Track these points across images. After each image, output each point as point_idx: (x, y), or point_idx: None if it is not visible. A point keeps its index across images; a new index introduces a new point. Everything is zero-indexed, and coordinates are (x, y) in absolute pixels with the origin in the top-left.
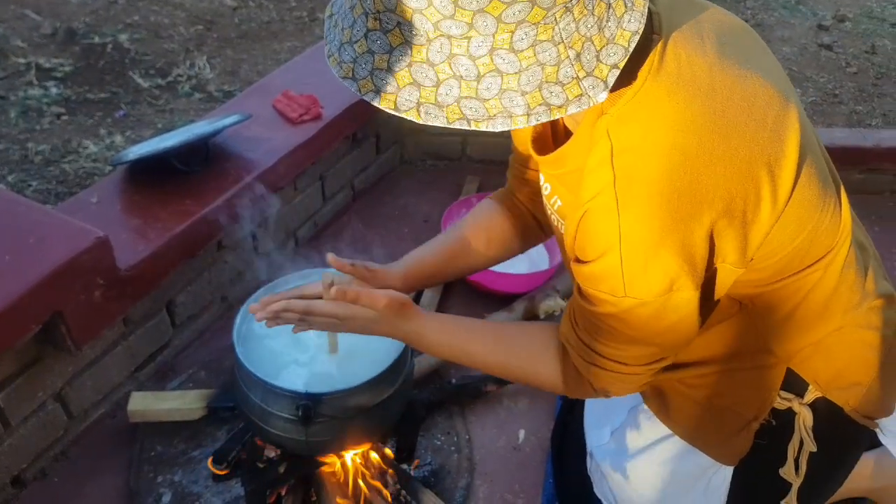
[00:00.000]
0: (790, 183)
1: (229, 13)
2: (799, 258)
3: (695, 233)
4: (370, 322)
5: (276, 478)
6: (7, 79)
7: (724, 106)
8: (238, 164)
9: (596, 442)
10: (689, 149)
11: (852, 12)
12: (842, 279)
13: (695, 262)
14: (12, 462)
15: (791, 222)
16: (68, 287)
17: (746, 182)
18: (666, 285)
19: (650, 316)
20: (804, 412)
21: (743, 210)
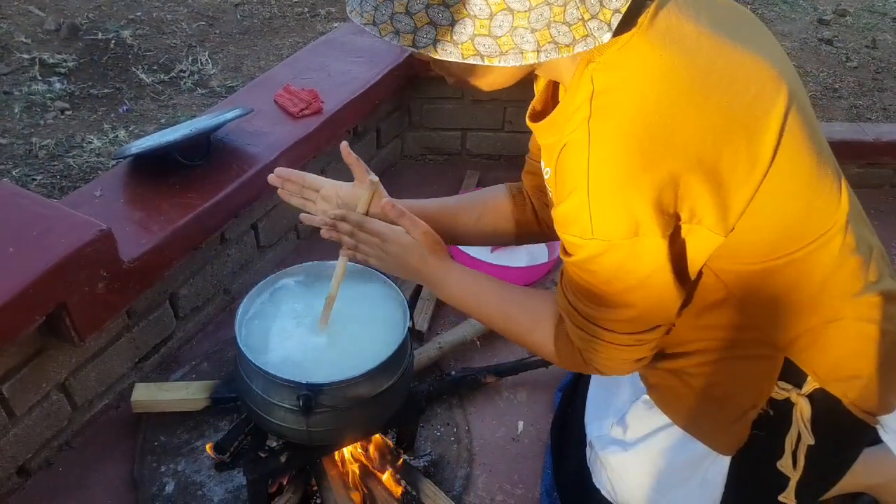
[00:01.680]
0: (770, 150)
1: (231, 9)
2: (791, 236)
3: (662, 178)
4: (406, 249)
5: (277, 467)
6: (11, 74)
7: (708, 67)
8: (240, 157)
9: (596, 433)
10: (667, 96)
11: (853, 7)
12: (840, 264)
13: (661, 209)
14: (17, 452)
15: (779, 194)
16: (72, 279)
17: (722, 139)
18: (631, 227)
19: (619, 264)
20: (802, 403)
21: (716, 168)
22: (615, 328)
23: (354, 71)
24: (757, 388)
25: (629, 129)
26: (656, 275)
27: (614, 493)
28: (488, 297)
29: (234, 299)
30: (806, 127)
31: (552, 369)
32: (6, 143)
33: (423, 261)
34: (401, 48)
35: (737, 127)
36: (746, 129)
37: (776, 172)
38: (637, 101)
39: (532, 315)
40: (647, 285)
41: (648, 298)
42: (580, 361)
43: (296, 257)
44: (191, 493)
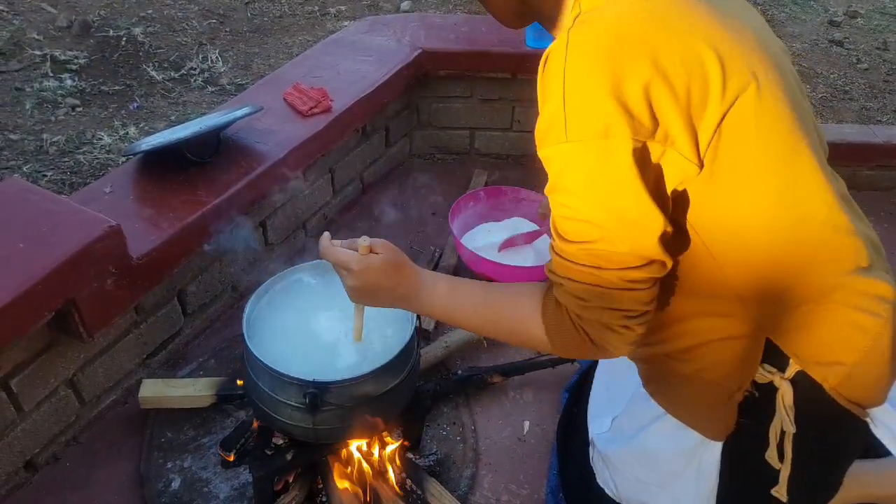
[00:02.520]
0: (741, 82)
1: (242, 7)
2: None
3: (631, 78)
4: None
5: (283, 465)
6: (23, 70)
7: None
8: (249, 155)
9: (597, 430)
10: (644, 13)
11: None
12: (831, 242)
13: (631, 113)
14: (25, 447)
15: (750, 142)
16: (81, 275)
17: (693, 58)
18: (601, 125)
19: (591, 168)
20: (785, 387)
21: (684, 88)
22: (602, 262)
23: (364, 70)
24: (741, 370)
25: (604, 35)
26: (630, 183)
27: (617, 490)
28: (470, 296)
29: (242, 296)
30: (782, 85)
31: (559, 369)
32: (17, 139)
33: (393, 279)
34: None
35: (710, 52)
36: (720, 58)
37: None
38: (615, 16)
39: (516, 299)
40: (623, 195)
41: (626, 212)
42: (571, 331)
43: (304, 255)
44: (197, 490)
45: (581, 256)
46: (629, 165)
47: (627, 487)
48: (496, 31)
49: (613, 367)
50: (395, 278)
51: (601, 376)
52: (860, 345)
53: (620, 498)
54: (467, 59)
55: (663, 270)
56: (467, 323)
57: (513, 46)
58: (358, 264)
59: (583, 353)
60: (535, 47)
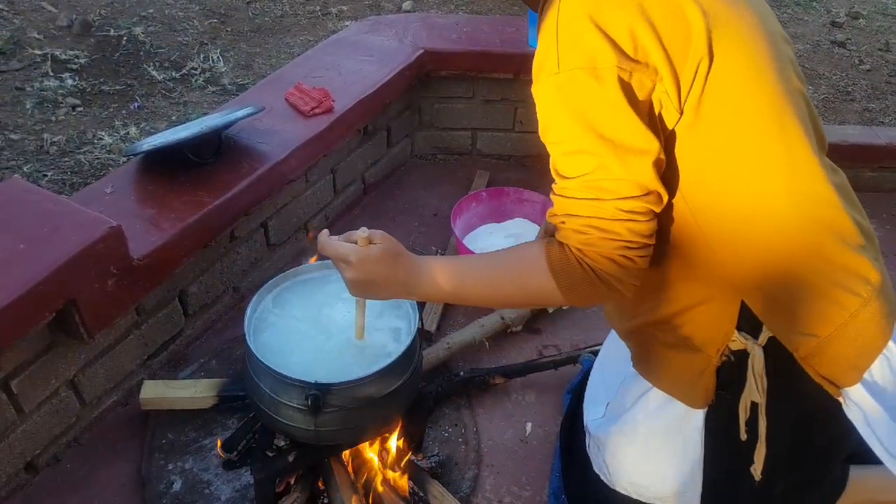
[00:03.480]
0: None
1: (243, 7)
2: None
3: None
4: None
5: (285, 466)
6: (23, 70)
7: None
8: (250, 155)
9: (592, 417)
10: None
11: (866, 9)
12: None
13: (616, 44)
14: (26, 448)
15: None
16: (82, 276)
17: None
18: (590, 56)
19: (583, 95)
20: (756, 353)
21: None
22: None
23: (365, 70)
24: (719, 333)
25: None
26: (619, 109)
27: (610, 475)
28: (472, 267)
29: (244, 297)
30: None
31: (561, 371)
32: (18, 139)
33: (392, 267)
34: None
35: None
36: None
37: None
38: None
39: (519, 256)
40: (614, 120)
41: (619, 139)
42: (577, 270)
43: (305, 256)
44: (198, 492)
45: (579, 190)
46: (617, 91)
47: (618, 469)
48: (498, 32)
49: (609, 356)
50: (394, 267)
51: (598, 367)
52: (836, 319)
53: (614, 484)
54: (469, 60)
55: (659, 204)
56: (476, 294)
57: (515, 47)
58: (356, 255)
59: (591, 292)
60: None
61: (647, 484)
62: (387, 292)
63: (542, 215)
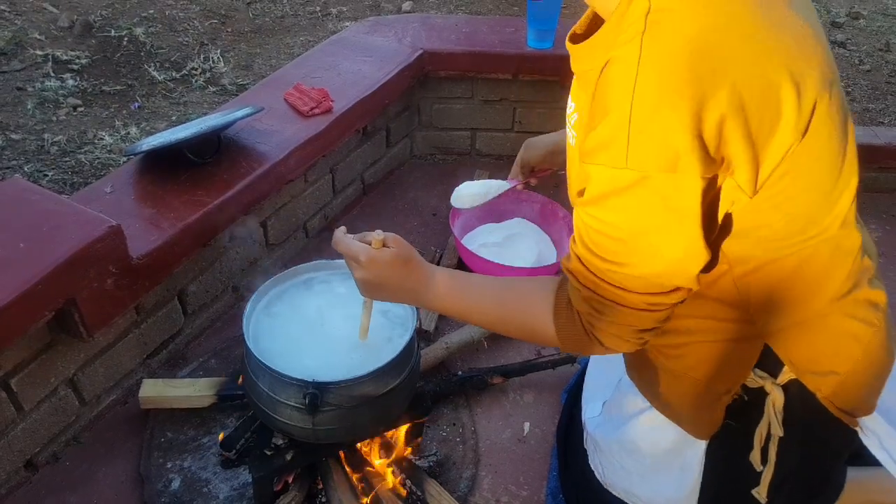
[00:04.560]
0: (808, 111)
1: (243, 8)
2: (806, 223)
3: (710, 107)
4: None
5: (283, 465)
6: (24, 70)
7: (768, 7)
8: (250, 155)
9: (589, 414)
10: (725, 21)
11: (867, 10)
12: (839, 263)
13: (703, 143)
14: (25, 446)
15: (806, 165)
16: (82, 275)
17: (768, 83)
18: (671, 158)
19: (647, 202)
20: (776, 393)
21: (759, 114)
22: (628, 285)
23: (365, 70)
24: (733, 373)
25: (683, 47)
26: (686, 222)
27: (604, 475)
28: (479, 289)
29: (242, 297)
30: (840, 107)
31: (559, 371)
32: (19, 138)
33: (402, 273)
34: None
35: (785, 74)
36: (794, 79)
37: (810, 140)
38: (696, 23)
39: (526, 293)
40: (675, 233)
41: (673, 250)
42: (581, 334)
43: (304, 256)
44: (196, 490)
45: (608, 275)
46: (693, 204)
47: (613, 474)
48: (498, 32)
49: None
50: (403, 272)
51: (595, 361)
52: (854, 354)
53: (607, 483)
54: (468, 60)
55: (689, 295)
56: (475, 317)
57: (514, 47)
58: (366, 256)
59: (591, 352)
60: (536, 48)
61: (641, 495)
62: (394, 296)
63: (540, 216)
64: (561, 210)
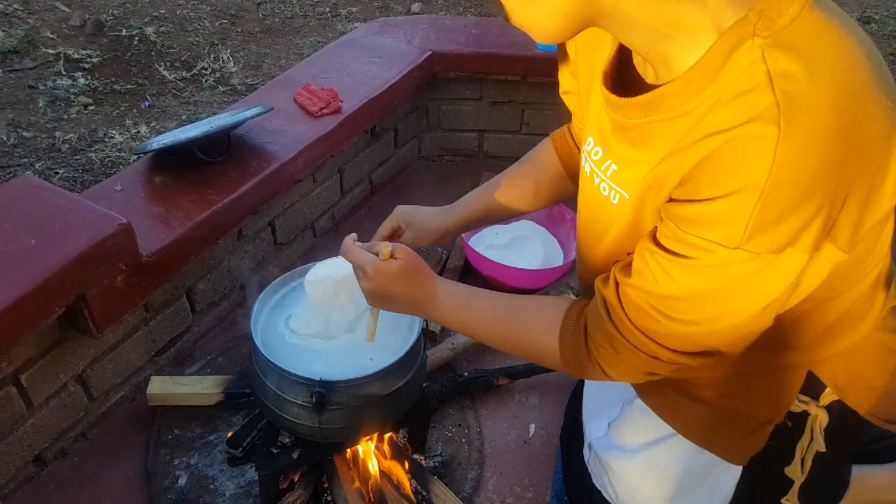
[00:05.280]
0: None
1: (253, 8)
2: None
3: (839, 188)
4: (393, 279)
5: (289, 463)
6: (36, 69)
7: (870, 57)
8: (259, 155)
9: (595, 434)
10: (858, 89)
11: (878, 14)
12: (878, 290)
13: (826, 223)
14: (34, 441)
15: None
16: (92, 272)
17: (885, 147)
18: (788, 241)
19: (751, 274)
20: (820, 415)
21: (874, 177)
22: (663, 342)
23: (374, 71)
24: (776, 402)
25: (826, 124)
26: (771, 296)
27: (616, 496)
28: (483, 303)
29: (250, 295)
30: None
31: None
32: (30, 136)
33: (409, 285)
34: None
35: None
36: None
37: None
38: (832, 93)
39: (531, 314)
40: (753, 306)
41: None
42: (585, 358)
43: (312, 255)
44: (203, 487)
45: (643, 322)
46: (787, 279)
47: (629, 497)
48: (506, 34)
49: None
50: (410, 285)
51: None
52: (889, 365)
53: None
54: (477, 62)
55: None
56: (478, 333)
57: (523, 49)
58: (373, 268)
59: (590, 377)
60: (545, 50)
61: None
62: (400, 308)
63: (547, 218)
64: (568, 212)
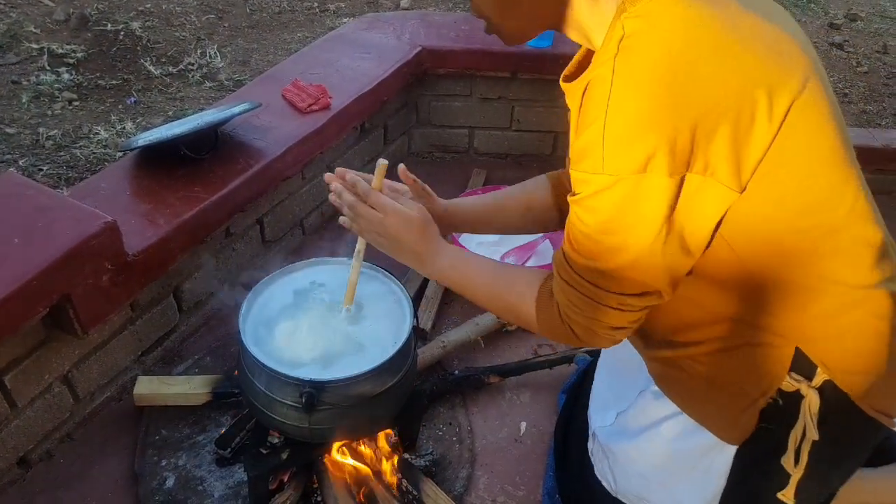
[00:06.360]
0: (786, 105)
1: (241, 3)
2: (809, 213)
3: (679, 120)
4: (405, 224)
5: (278, 464)
6: (20, 64)
7: (734, 24)
8: (246, 152)
9: (599, 423)
10: (694, 42)
11: (864, 11)
12: (857, 253)
13: (674, 151)
14: (18, 443)
15: (795, 160)
16: (77, 271)
17: (743, 94)
18: (640, 162)
19: (621, 200)
20: (811, 396)
21: (735, 120)
22: (601, 283)
23: (363, 67)
24: (766, 377)
25: (652, 68)
26: (654, 223)
27: (615, 483)
28: (475, 266)
29: (238, 294)
30: (827, 101)
31: (556, 371)
32: (13, 132)
33: (417, 238)
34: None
35: (759, 84)
36: (768, 87)
37: (790, 134)
38: (663, 44)
39: (514, 278)
40: (640, 230)
41: (641, 249)
42: (559, 324)
43: (301, 253)
44: (191, 488)
45: (585, 271)
46: (659, 202)
47: (627, 482)
48: None
49: (616, 363)
50: (418, 236)
51: (603, 372)
52: (884, 353)
53: (618, 492)
54: (467, 58)
55: (660, 300)
56: (471, 293)
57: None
58: (393, 210)
59: (567, 342)
60: (535, 46)
61: (657, 502)
62: (403, 255)
63: None
64: None
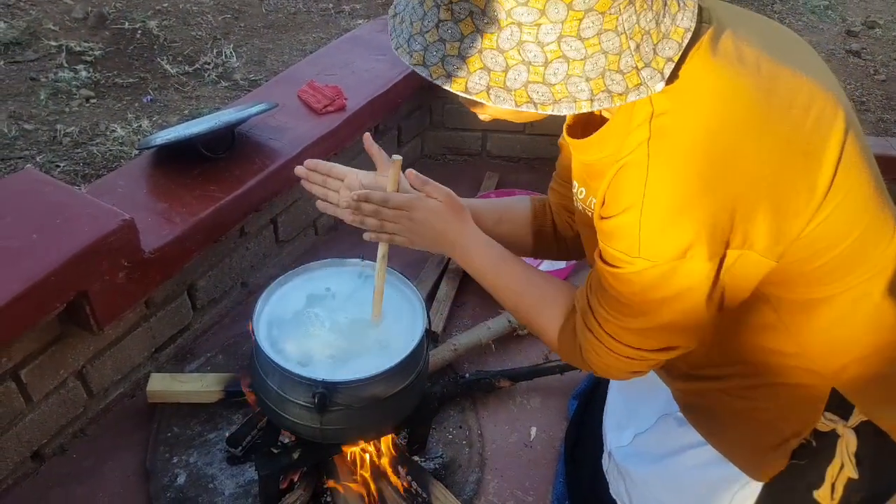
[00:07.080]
0: (828, 177)
1: (257, 3)
2: (845, 267)
3: (720, 204)
4: (432, 213)
5: (289, 463)
6: (38, 61)
7: (769, 91)
8: (262, 152)
9: (616, 443)
10: (729, 120)
11: (883, 18)
12: (889, 302)
13: (714, 235)
14: (33, 437)
15: (835, 222)
16: (93, 267)
17: (781, 166)
18: (680, 251)
19: (657, 279)
20: (848, 436)
21: (774, 195)
22: (623, 338)
23: (378, 69)
24: (801, 417)
25: (690, 153)
26: (689, 294)
27: (630, 502)
28: (509, 270)
29: (252, 293)
30: (862, 154)
31: (567, 376)
32: (31, 129)
33: (449, 224)
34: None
35: (797, 153)
36: (806, 155)
37: (832, 200)
38: (699, 126)
39: (545, 298)
40: (676, 302)
41: (672, 315)
42: (578, 357)
43: (314, 253)
44: (202, 486)
45: (611, 328)
46: (697, 280)
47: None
48: None
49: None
50: (448, 222)
51: (618, 388)
52: None
53: None
54: None
55: (683, 352)
56: (498, 295)
57: None
58: (420, 201)
59: (586, 371)
60: None
61: None
62: (435, 244)
63: None
64: None
